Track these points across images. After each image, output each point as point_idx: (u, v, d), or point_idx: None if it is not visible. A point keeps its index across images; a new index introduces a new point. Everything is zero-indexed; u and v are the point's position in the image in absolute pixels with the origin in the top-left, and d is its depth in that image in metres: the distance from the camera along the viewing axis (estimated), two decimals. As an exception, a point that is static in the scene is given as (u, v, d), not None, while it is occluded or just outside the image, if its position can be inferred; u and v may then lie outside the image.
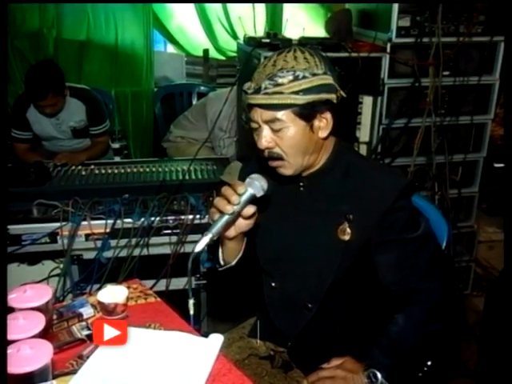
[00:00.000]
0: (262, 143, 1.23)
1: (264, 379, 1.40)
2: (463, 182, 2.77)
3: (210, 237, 1.16)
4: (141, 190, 2.24)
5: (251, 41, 2.71)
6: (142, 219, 2.09)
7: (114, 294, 1.30)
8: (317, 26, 3.83)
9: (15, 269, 2.12)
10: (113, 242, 2.08)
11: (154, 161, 2.72)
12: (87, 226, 2.06)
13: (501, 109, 3.04)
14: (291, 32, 3.18)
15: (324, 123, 1.24)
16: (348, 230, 1.28)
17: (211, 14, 3.88)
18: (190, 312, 1.22)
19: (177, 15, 3.97)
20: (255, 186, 1.20)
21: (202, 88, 3.90)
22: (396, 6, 2.43)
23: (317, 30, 3.70)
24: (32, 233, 2.04)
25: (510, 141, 1.56)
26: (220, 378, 1.14)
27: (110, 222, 2.07)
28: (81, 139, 3.02)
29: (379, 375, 1.24)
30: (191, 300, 1.21)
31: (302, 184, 1.35)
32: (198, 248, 1.16)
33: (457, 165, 2.73)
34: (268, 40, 2.67)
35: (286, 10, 3.91)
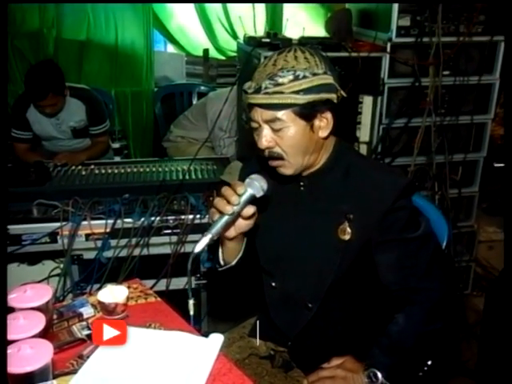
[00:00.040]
0: (263, 143, 1.23)
1: (264, 379, 1.40)
2: (463, 182, 2.77)
3: (209, 237, 1.16)
4: (141, 190, 2.24)
5: (251, 40, 2.71)
6: (142, 219, 2.09)
7: (114, 293, 1.31)
8: (317, 25, 3.83)
9: (15, 269, 2.12)
10: (113, 242, 2.09)
11: (154, 161, 2.72)
12: (87, 225, 2.06)
13: (501, 108, 3.03)
14: (291, 32, 3.18)
15: (324, 123, 1.24)
16: (348, 230, 1.28)
17: (211, 13, 3.88)
18: (190, 313, 1.22)
19: (177, 15, 3.97)
20: (255, 187, 1.20)
21: (202, 88, 3.90)
22: (396, 5, 2.43)
23: (317, 29, 3.70)
24: (32, 233, 2.04)
25: (510, 140, 1.55)
26: (220, 378, 1.14)
27: (110, 221, 2.07)
28: (81, 139, 3.02)
29: (379, 375, 1.24)
30: (191, 300, 1.21)
31: (302, 184, 1.35)
32: (197, 248, 1.16)
33: (457, 164, 2.73)
34: (268, 40, 2.67)
35: (286, 10, 3.90)
